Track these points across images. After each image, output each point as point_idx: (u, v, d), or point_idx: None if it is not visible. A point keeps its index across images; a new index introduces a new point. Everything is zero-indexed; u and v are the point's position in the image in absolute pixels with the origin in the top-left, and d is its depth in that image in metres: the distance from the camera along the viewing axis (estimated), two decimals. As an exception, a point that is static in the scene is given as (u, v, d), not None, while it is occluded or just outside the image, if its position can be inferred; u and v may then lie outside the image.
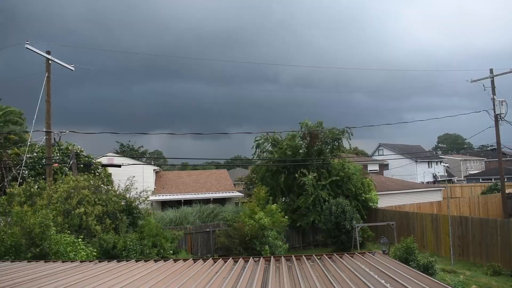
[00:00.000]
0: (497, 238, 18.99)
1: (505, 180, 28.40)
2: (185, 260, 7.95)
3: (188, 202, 32.69)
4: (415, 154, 60.15)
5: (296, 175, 24.85)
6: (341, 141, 27.14)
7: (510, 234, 18.45)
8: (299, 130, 27.07)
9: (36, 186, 16.93)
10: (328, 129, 26.73)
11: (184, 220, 24.84)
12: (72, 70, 19.53)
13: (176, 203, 33.04)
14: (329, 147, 27.11)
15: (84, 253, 13.38)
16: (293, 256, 7.73)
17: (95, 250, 14.41)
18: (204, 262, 7.60)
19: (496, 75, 25.05)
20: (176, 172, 47.39)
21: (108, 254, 14.97)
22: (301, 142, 27.27)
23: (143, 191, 19.64)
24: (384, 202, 29.00)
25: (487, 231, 19.49)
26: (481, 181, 59.28)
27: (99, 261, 8.42)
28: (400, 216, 24.76)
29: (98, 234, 15.33)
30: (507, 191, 29.20)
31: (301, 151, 26.57)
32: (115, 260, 8.42)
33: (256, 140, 27.63)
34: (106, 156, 32.79)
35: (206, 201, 32.61)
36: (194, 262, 7.68)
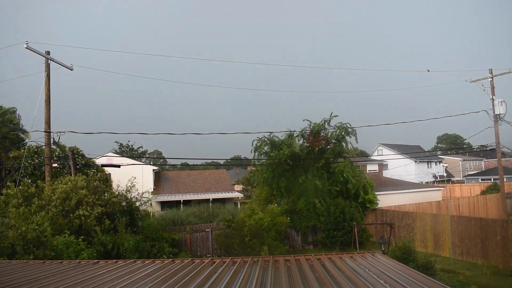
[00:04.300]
0: (496, 238, 18.99)
1: (504, 180, 28.41)
2: (184, 260, 7.94)
3: (188, 202, 32.72)
4: (414, 154, 60.15)
5: (300, 180, 24.72)
6: (345, 142, 26.81)
7: (509, 234, 18.46)
8: (302, 130, 26.91)
9: (34, 187, 16.88)
10: (332, 128, 26.55)
11: (184, 220, 24.88)
12: (71, 70, 19.53)
13: (176, 203, 33.06)
14: (330, 147, 26.92)
15: (85, 254, 13.38)
16: (292, 256, 7.72)
17: (95, 250, 14.41)
18: (203, 262, 7.59)
19: (496, 75, 25.06)
20: (175, 172, 47.39)
21: (107, 254, 14.98)
22: (302, 142, 27.17)
23: (144, 192, 19.67)
24: (383, 202, 28.98)
25: (487, 231, 19.48)
26: (480, 181, 59.32)
27: (99, 262, 8.41)
28: (399, 216, 24.75)
29: (97, 235, 15.33)
30: (506, 190, 29.18)
31: (301, 153, 26.34)
32: (115, 260, 8.40)
33: (254, 144, 27.45)
34: (106, 156, 32.80)
35: (206, 201, 32.62)
36: (193, 262, 7.67)
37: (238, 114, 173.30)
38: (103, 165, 24.71)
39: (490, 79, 25.11)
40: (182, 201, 33.60)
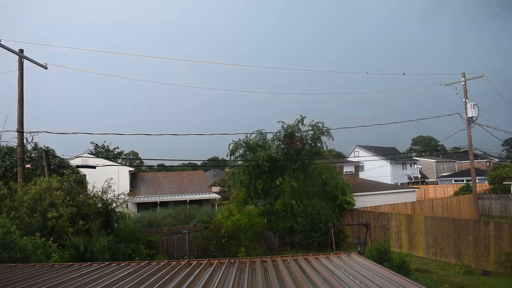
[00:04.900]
0: (469, 238, 19.42)
1: (477, 181, 29.07)
2: (160, 262, 7.87)
3: (164, 204, 32.46)
4: (390, 155, 61.05)
5: (277, 182, 24.83)
6: (321, 143, 27.12)
7: (481, 234, 18.91)
8: (276, 132, 27.01)
9: (5, 188, 16.46)
10: (306, 128, 26.74)
11: (160, 222, 24.67)
12: (46, 68, 19.12)
13: (152, 205, 32.76)
14: (306, 148, 27.12)
15: (57, 256, 13.09)
16: (269, 257, 7.73)
17: (67, 252, 14.13)
18: (180, 264, 7.53)
19: (469, 79, 25.65)
20: (152, 173, 46.96)
21: (81, 257, 14.71)
22: (278, 144, 27.26)
23: (120, 194, 19.41)
24: (359, 203, 29.33)
25: (460, 231, 19.91)
26: (453, 182, 60.67)
27: (72, 265, 8.25)
28: (375, 217, 25.09)
29: (71, 237, 15.04)
30: (478, 191, 29.84)
31: (277, 155, 26.36)
32: (89, 263, 8.26)
33: (230, 148, 27.40)
34: (81, 157, 32.28)
35: (183, 202, 32.42)
36: (170, 264, 7.61)
37: (215, 114, 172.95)
38: (78, 166, 24.26)
39: (463, 83, 25.68)
40: (158, 202, 33.31)
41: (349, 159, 63.33)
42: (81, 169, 24.47)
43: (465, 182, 53.18)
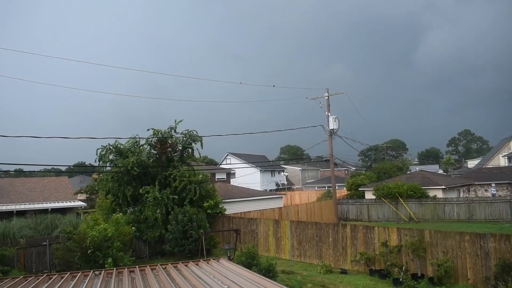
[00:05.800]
0: (329, 240, 21.01)
1: (336, 187, 31.63)
2: (14, 278, 7.17)
3: (22, 213, 29.63)
4: (260, 163, 63.45)
5: (141, 191, 24.18)
6: (192, 149, 27.24)
7: (339, 236, 20.60)
8: (148, 138, 26.37)
9: None
10: (179, 135, 26.59)
11: (16, 233, 22.39)
12: None
13: (7, 214, 29.70)
14: (178, 155, 26.96)
15: None
16: (137, 267, 7.53)
17: None
18: (38, 278, 6.95)
19: (331, 95, 27.89)
20: (8, 179, 42.59)
21: None
22: (149, 149, 26.67)
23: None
24: (230, 209, 29.92)
25: (321, 234, 21.44)
26: (316, 188, 65.31)
27: None
28: (245, 222, 25.81)
29: None
30: (338, 197, 32.46)
31: (148, 161, 25.71)
32: None
33: (99, 153, 26.02)
34: None
35: (44, 211, 29.96)
36: (26, 280, 6.98)
37: (84, 118, 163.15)
38: None
39: (326, 98, 27.82)
40: (15, 211, 30.30)
41: (221, 166, 64.33)
42: None
43: (326, 188, 57.61)
